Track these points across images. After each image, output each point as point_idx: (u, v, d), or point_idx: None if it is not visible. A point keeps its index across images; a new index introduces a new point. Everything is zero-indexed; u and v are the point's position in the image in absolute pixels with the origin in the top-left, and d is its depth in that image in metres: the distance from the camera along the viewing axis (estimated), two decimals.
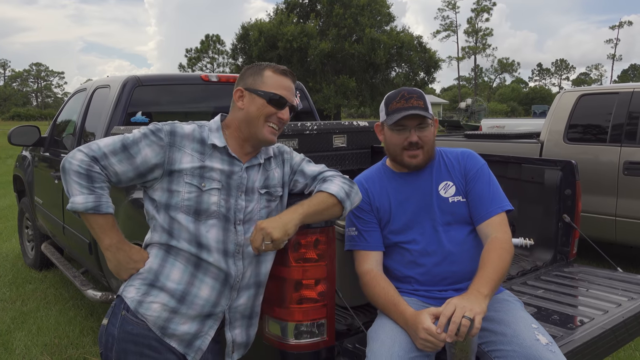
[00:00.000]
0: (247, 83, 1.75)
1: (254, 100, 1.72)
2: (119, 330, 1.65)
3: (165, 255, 1.68)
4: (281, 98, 1.73)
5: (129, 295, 1.67)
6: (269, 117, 1.72)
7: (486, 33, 72.04)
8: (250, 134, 1.74)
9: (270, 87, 1.72)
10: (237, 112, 1.76)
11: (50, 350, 3.50)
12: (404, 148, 1.97)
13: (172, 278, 1.66)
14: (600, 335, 1.97)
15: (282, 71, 1.76)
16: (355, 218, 2.03)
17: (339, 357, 1.90)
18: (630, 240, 4.77)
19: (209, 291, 1.67)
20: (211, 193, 1.66)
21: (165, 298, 1.65)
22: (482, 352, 1.75)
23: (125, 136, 1.67)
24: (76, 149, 1.64)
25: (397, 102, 1.96)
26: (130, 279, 1.70)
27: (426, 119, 1.95)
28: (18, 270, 5.31)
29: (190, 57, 51.42)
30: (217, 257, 1.67)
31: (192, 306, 1.66)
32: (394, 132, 1.98)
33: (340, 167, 3.61)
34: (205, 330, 1.70)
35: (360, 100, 41.03)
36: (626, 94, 4.87)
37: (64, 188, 1.64)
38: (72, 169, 1.60)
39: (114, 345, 1.65)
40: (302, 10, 39.43)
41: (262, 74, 1.74)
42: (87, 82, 4.48)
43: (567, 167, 2.83)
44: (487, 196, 1.97)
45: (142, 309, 1.64)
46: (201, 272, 1.67)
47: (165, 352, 1.64)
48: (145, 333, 1.63)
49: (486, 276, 1.74)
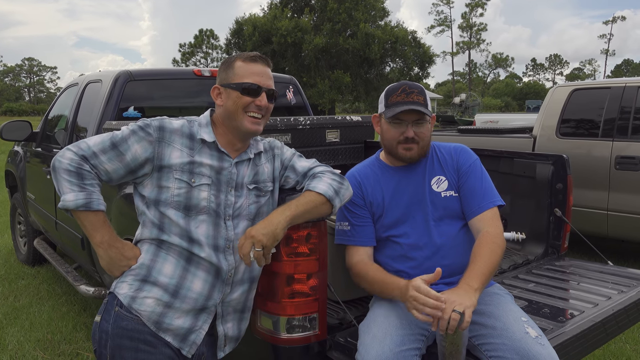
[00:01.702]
0: (221, 79, 1.75)
1: (229, 94, 1.72)
2: (113, 326, 1.64)
3: (156, 250, 1.68)
4: (253, 85, 1.70)
5: (121, 292, 1.66)
6: (247, 107, 1.71)
7: (480, 28, 72.15)
8: (233, 128, 1.73)
9: (242, 77, 1.71)
10: (219, 109, 1.76)
11: (43, 346, 3.50)
12: (399, 142, 1.98)
13: (165, 272, 1.65)
14: (590, 328, 1.98)
15: (252, 58, 1.74)
16: (348, 212, 2.04)
17: (331, 351, 1.90)
18: (621, 234, 4.80)
19: (201, 284, 1.67)
20: (201, 189, 1.66)
21: (158, 293, 1.65)
22: (473, 345, 1.76)
23: (114, 134, 1.67)
24: (65, 148, 1.64)
25: (397, 96, 1.96)
26: (122, 275, 1.70)
27: (424, 115, 1.95)
28: (11, 266, 5.29)
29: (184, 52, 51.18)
30: (209, 252, 1.67)
31: (186, 300, 1.66)
32: (391, 125, 1.98)
33: (333, 162, 3.62)
34: (199, 324, 1.70)
35: (355, 96, 40.96)
36: (618, 88, 4.89)
37: (55, 187, 1.64)
38: (62, 167, 1.60)
39: (108, 341, 1.64)
40: (296, 5, 39.27)
41: (232, 66, 1.73)
42: (80, 76, 4.45)
43: (559, 162, 2.84)
44: (479, 191, 1.98)
45: (136, 305, 1.64)
46: (193, 266, 1.67)
47: (160, 346, 1.64)
48: (140, 328, 1.63)
49: (477, 270, 1.75)
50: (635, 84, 4.81)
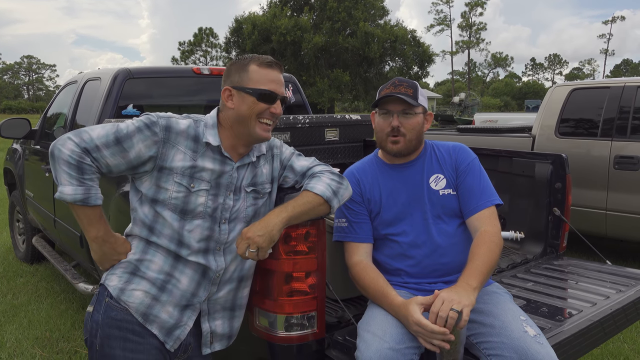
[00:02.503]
0: (233, 81, 1.68)
1: (243, 99, 1.67)
2: (103, 316, 1.65)
3: (145, 247, 1.69)
4: (271, 93, 1.67)
5: (111, 284, 1.67)
6: (261, 114, 1.67)
7: (480, 27, 72.10)
8: (243, 133, 1.70)
9: (258, 82, 1.66)
10: (228, 111, 1.70)
11: (42, 344, 3.49)
12: (387, 134, 1.99)
13: (153, 268, 1.67)
14: (589, 327, 1.98)
15: (268, 63, 1.69)
16: (346, 209, 2.04)
17: (329, 349, 1.90)
18: (620, 233, 4.80)
19: (187, 282, 1.68)
20: (199, 194, 1.65)
21: (146, 286, 1.66)
22: (471, 344, 1.76)
23: (119, 128, 1.61)
24: (66, 135, 1.58)
25: (387, 88, 2.01)
26: (112, 267, 1.71)
27: (412, 107, 1.96)
28: (9, 264, 5.29)
29: (183, 51, 51.21)
30: (196, 255, 1.67)
31: (172, 294, 1.67)
32: (380, 116, 2.02)
33: (332, 160, 3.61)
34: (184, 320, 1.71)
35: (354, 94, 40.98)
36: (617, 88, 4.89)
37: (52, 174, 1.60)
38: (62, 157, 1.54)
39: (98, 330, 1.66)
40: (295, 4, 39.26)
41: (247, 69, 1.67)
42: (79, 74, 4.45)
43: (558, 161, 2.84)
44: (477, 190, 1.98)
45: (125, 297, 1.65)
46: (181, 264, 1.68)
47: (147, 336, 1.66)
48: (129, 318, 1.65)
49: (475, 269, 1.76)
50: (634, 83, 4.81)
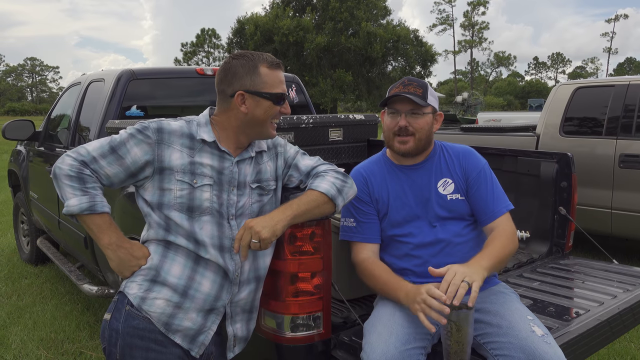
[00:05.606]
0: (245, 84, 1.66)
1: (259, 103, 1.67)
2: (124, 325, 1.63)
3: (164, 251, 1.67)
4: (284, 95, 1.72)
5: (131, 292, 1.66)
6: (274, 116, 1.72)
7: (482, 27, 72.02)
8: (254, 134, 1.72)
9: (272, 86, 1.68)
10: (238, 114, 1.69)
11: (47, 345, 3.50)
12: (395, 133, 1.98)
13: (173, 273, 1.65)
14: (596, 327, 1.97)
15: (277, 65, 1.72)
16: (354, 208, 2.03)
17: (335, 349, 1.90)
18: (625, 232, 4.78)
19: (210, 285, 1.67)
20: (203, 189, 1.65)
21: (168, 293, 1.64)
22: (478, 344, 1.75)
23: (113, 138, 1.65)
24: (64, 154, 1.63)
25: (396, 88, 2.00)
26: (132, 275, 1.69)
27: (420, 107, 1.95)
28: (14, 265, 5.30)
29: (185, 52, 51.29)
30: (214, 253, 1.66)
31: (195, 300, 1.66)
32: (389, 115, 2.01)
33: (336, 160, 3.61)
34: (208, 325, 1.70)
35: (357, 94, 40.96)
36: (622, 86, 4.87)
37: (58, 195, 1.63)
38: (62, 173, 1.59)
39: (118, 340, 1.64)
40: (298, 4, 39.28)
41: (258, 72, 1.66)
42: (82, 76, 4.45)
43: (563, 160, 2.83)
44: (491, 198, 1.99)
45: (146, 306, 1.64)
46: (201, 267, 1.66)
47: (170, 346, 1.65)
48: (151, 327, 1.63)
49: (489, 252, 1.79)
50: (639, 82, 4.79)
